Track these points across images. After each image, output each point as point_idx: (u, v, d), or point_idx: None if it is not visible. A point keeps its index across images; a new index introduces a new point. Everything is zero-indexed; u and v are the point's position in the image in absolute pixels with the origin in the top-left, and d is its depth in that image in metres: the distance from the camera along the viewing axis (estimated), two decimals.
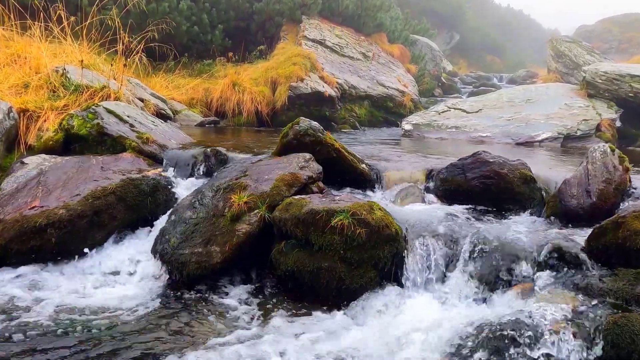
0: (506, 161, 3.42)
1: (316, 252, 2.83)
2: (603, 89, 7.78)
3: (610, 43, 21.26)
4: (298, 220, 2.86)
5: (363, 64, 9.99)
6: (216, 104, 7.47)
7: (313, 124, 3.64)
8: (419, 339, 2.35)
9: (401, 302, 2.68)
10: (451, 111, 7.82)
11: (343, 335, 2.49)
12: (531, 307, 2.28)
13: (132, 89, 5.74)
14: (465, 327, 2.32)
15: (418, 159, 4.23)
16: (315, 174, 3.42)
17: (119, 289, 2.96)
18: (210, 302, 2.81)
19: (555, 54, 12.70)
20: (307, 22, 9.96)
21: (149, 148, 4.10)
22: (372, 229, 2.75)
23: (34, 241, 3.10)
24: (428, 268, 2.79)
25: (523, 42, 27.76)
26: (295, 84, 7.77)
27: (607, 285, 2.33)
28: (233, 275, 3.09)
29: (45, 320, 2.52)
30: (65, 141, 4.12)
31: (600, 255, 2.51)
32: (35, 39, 5.40)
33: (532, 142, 6.58)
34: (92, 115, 4.11)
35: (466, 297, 2.65)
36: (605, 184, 3.07)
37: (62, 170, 3.65)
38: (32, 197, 3.35)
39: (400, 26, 13.04)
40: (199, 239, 3.06)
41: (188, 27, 8.51)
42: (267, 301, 2.86)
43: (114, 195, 3.40)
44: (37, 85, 4.72)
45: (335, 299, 2.79)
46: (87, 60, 5.29)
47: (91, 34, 5.78)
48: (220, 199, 3.23)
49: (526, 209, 3.34)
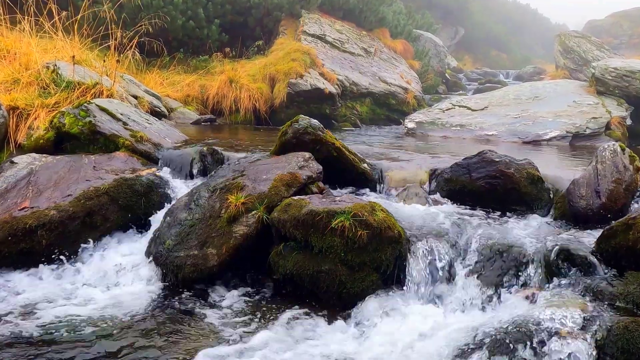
0: (513, 161, 3.42)
1: (316, 255, 2.83)
2: (613, 86, 7.78)
3: (621, 38, 21.24)
4: (297, 222, 2.86)
5: (364, 59, 9.99)
6: (212, 101, 7.47)
7: (313, 122, 3.64)
8: (423, 346, 2.35)
9: (404, 306, 2.68)
10: (456, 109, 7.82)
11: (344, 341, 2.49)
12: (538, 312, 2.28)
13: (125, 85, 5.74)
14: (471, 332, 2.32)
15: (421, 158, 4.23)
16: (315, 173, 3.42)
17: (111, 292, 2.96)
18: (206, 307, 2.81)
19: (563, 49, 12.69)
20: (306, 16, 9.96)
21: (143, 147, 4.11)
22: (374, 230, 2.75)
23: (24, 243, 3.10)
24: (432, 271, 2.79)
25: (530, 37, 27.76)
26: (295, 80, 7.76)
27: (617, 289, 2.32)
28: (230, 279, 3.09)
29: (33, 326, 2.52)
30: (56, 140, 4.12)
31: (610, 258, 2.51)
32: (25, 34, 5.39)
33: (540, 140, 6.58)
34: (84, 113, 4.11)
35: (472, 301, 2.65)
36: (615, 184, 3.07)
37: (53, 169, 3.65)
38: (22, 198, 3.35)
39: (403, 21, 13.03)
40: (195, 241, 3.06)
41: (183, 21, 8.51)
42: (265, 306, 2.85)
43: (106, 196, 3.40)
44: (27, 81, 4.72)
45: (335, 303, 2.79)
46: (79, 56, 5.29)
47: (83, 28, 5.77)
48: (217, 200, 3.23)
49: (533, 210, 3.34)
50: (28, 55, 5.01)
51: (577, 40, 12.55)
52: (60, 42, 5.53)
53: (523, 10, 30.43)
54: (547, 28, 28.45)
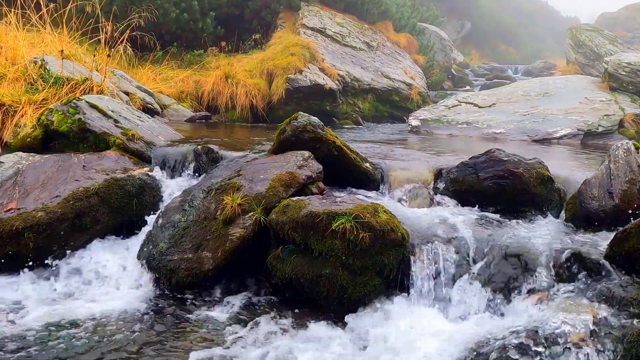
0: (522, 160, 3.42)
1: (316, 259, 2.83)
2: (627, 82, 7.78)
3: (635, 32, 21.23)
4: (296, 224, 2.86)
5: (367, 54, 9.99)
6: (208, 97, 7.47)
7: (312, 120, 3.64)
8: (428, 353, 2.35)
9: (408, 312, 2.68)
10: (462, 105, 7.83)
11: (344, 348, 2.49)
12: (549, 318, 2.28)
13: (116, 81, 5.74)
14: (477, 339, 2.32)
15: (426, 158, 4.23)
16: (314, 173, 3.42)
17: (101, 298, 2.96)
18: (200, 313, 2.81)
19: (574, 43, 12.70)
20: (306, 8, 9.96)
21: (135, 145, 4.11)
22: (376, 233, 2.76)
23: (10, 246, 3.10)
24: (437, 275, 2.79)
25: (540, 30, 27.75)
26: (293, 76, 7.77)
27: (630, 294, 2.33)
28: (226, 283, 3.09)
29: (21, 333, 2.52)
30: (44, 138, 4.12)
31: (623, 261, 2.51)
32: (11, 27, 5.40)
33: (550, 139, 6.59)
34: (73, 110, 4.11)
35: (478, 306, 2.65)
36: (629, 185, 3.07)
37: (41, 169, 3.65)
38: (8, 199, 3.35)
39: (407, 13, 13.04)
40: (189, 244, 3.06)
41: (177, 14, 8.51)
42: (262, 312, 2.86)
43: (97, 197, 3.40)
44: (13, 77, 4.73)
45: (336, 309, 2.79)
46: (68, 51, 5.29)
47: (72, 22, 5.78)
48: (212, 201, 3.23)
49: (543, 212, 3.34)
50: (14, 50, 5.01)
51: (589, 34, 12.56)
52: (48, 35, 5.54)
53: (533, 3, 30.43)
54: (557, 21, 28.46)
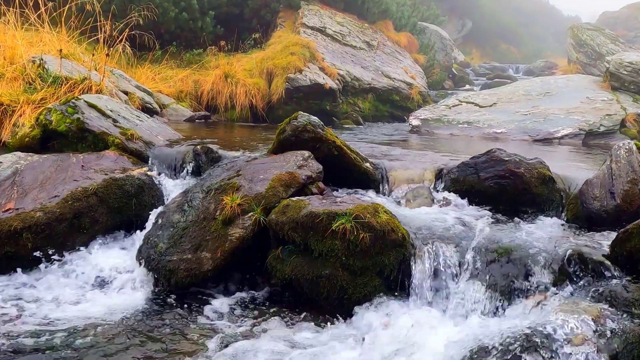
0: (523, 160, 3.42)
1: (316, 259, 2.83)
2: (628, 81, 7.78)
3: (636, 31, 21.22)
4: (296, 224, 2.86)
5: (367, 53, 10.00)
6: (207, 97, 7.48)
7: (312, 119, 3.64)
8: (428, 354, 2.35)
9: (409, 313, 2.68)
10: (463, 105, 7.83)
11: (344, 350, 2.49)
12: (549, 319, 2.28)
13: (115, 81, 5.75)
14: (478, 340, 2.32)
15: (427, 157, 4.23)
16: (314, 173, 3.42)
17: (100, 299, 2.96)
18: (199, 314, 2.81)
19: (576, 43, 12.70)
20: (305, 8, 9.96)
21: (134, 145, 4.11)
22: (376, 233, 2.76)
23: (8, 247, 3.10)
24: (437, 276, 2.79)
25: (541, 30, 27.75)
26: (293, 75, 7.77)
27: (632, 295, 2.33)
28: (225, 284, 3.09)
29: (17, 335, 2.52)
30: (42, 138, 4.13)
31: (625, 262, 2.51)
32: (9, 27, 5.40)
33: (551, 138, 6.59)
34: (71, 109, 4.12)
35: (479, 307, 2.65)
36: (631, 185, 3.07)
37: (40, 169, 3.65)
38: (6, 199, 3.35)
39: (408, 12, 13.04)
40: (188, 244, 3.06)
41: (176, 13, 8.51)
42: (262, 312, 2.86)
43: (95, 197, 3.41)
44: (11, 76, 4.73)
45: (336, 309, 2.80)
46: (67, 50, 5.29)
47: (70, 21, 5.78)
48: (212, 201, 3.23)
49: (544, 212, 3.35)
50: (13, 49, 5.01)
51: (590, 33, 12.56)
52: (47, 34, 5.54)
53: (534, 2, 30.44)
54: (558, 20, 28.45)
